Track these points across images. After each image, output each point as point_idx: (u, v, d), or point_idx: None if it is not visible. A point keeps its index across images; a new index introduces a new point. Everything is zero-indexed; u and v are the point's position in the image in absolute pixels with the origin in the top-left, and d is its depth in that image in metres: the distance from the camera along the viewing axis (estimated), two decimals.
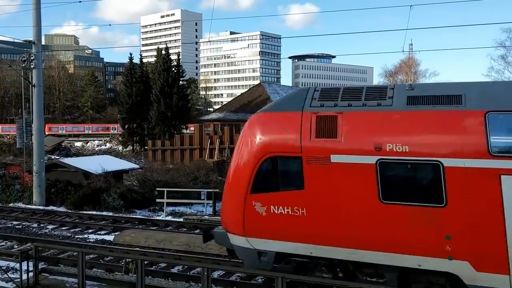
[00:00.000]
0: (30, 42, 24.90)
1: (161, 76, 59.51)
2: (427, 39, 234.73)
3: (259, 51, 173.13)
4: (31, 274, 11.42)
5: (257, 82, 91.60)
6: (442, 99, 8.79)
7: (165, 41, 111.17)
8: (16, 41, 36.49)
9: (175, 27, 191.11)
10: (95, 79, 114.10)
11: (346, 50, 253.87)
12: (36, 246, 11.63)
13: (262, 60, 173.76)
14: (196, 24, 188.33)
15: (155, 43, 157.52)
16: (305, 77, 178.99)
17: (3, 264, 13.52)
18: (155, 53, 71.22)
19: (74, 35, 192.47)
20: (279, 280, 8.88)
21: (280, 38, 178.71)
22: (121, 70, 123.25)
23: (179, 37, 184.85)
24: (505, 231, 7.98)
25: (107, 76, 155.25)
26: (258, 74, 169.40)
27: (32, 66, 24.47)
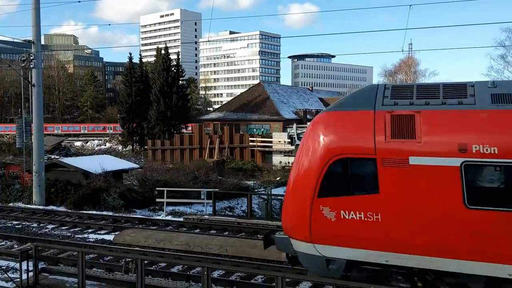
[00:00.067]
0: (29, 41, 24.89)
1: (161, 75, 59.53)
2: (426, 38, 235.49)
3: (259, 51, 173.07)
4: (31, 273, 11.41)
5: (256, 81, 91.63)
6: None
7: (164, 41, 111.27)
8: (15, 40, 36.56)
9: (174, 26, 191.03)
10: (95, 78, 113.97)
11: (346, 49, 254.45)
12: (36, 246, 11.62)
13: (262, 59, 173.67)
14: (196, 23, 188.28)
15: (155, 42, 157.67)
16: (304, 76, 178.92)
17: (3, 263, 13.52)
18: (154, 52, 71.33)
19: (74, 35, 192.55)
20: (278, 280, 8.87)
21: (279, 38, 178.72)
22: (120, 70, 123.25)
23: (178, 36, 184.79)
24: None
25: (106, 76, 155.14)
26: (257, 73, 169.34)
27: (32, 66, 24.48)
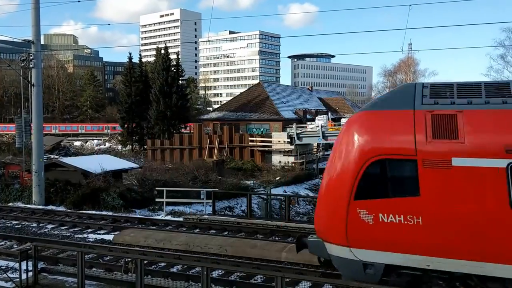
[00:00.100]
0: (29, 41, 24.88)
1: (161, 75, 59.53)
2: (426, 38, 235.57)
3: (258, 51, 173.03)
4: (30, 273, 11.40)
5: (256, 81, 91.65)
6: None
7: (164, 41, 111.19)
8: (15, 40, 36.47)
9: (174, 26, 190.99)
10: (94, 78, 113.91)
11: (345, 49, 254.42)
12: (36, 246, 11.61)
13: (261, 59, 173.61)
14: (196, 23, 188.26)
15: (154, 42, 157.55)
16: (304, 76, 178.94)
17: (3, 263, 13.51)
18: (154, 52, 71.30)
19: (73, 35, 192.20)
20: (278, 280, 8.87)
21: (279, 38, 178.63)
22: (120, 70, 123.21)
23: (178, 36, 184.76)
24: None
25: (106, 76, 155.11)
26: (257, 73, 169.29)
27: (31, 66, 24.47)
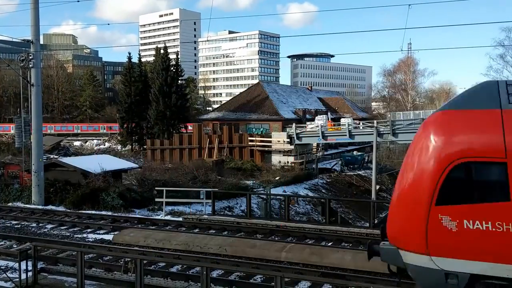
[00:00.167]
0: (28, 41, 24.88)
1: (160, 75, 59.48)
2: (425, 38, 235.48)
3: (258, 50, 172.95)
4: (30, 273, 11.41)
5: (256, 81, 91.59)
6: None
7: (163, 40, 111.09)
8: (14, 40, 36.52)
9: (173, 26, 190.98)
10: (94, 78, 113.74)
11: (345, 49, 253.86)
12: (35, 246, 11.62)
13: (261, 59, 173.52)
14: (195, 23, 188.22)
15: (154, 42, 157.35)
16: (303, 76, 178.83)
17: (2, 263, 13.51)
18: (153, 52, 71.11)
19: (73, 35, 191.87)
20: (277, 280, 8.88)
21: (278, 37, 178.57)
22: (119, 70, 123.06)
23: (177, 36, 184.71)
24: None
25: (105, 76, 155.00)
26: (257, 73, 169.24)
27: (31, 66, 24.47)
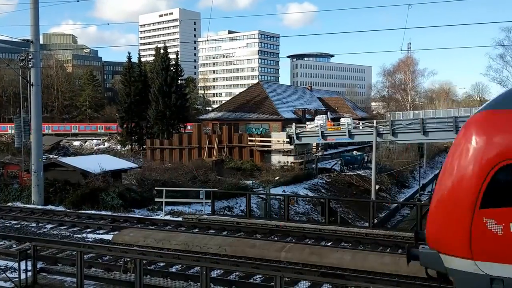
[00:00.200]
0: (28, 41, 24.85)
1: (160, 75, 59.46)
2: (425, 38, 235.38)
3: (258, 50, 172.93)
4: (29, 273, 11.41)
5: (255, 81, 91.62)
6: None
7: (163, 40, 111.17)
8: (14, 40, 36.38)
9: (173, 26, 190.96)
10: (93, 78, 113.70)
11: (345, 49, 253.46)
12: (35, 246, 11.62)
13: (261, 59, 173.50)
14: (195, 23, 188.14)
15: (154, 42, 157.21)
16: (303, 76, 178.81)
17: (2, 263, 13.49)
18: (153, 52, 71.06)
19: (72, 34, 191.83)
20: (277, 279, 8.88)
21: (278, 37, 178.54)
22: (119, 69, 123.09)
23: (177, 36, 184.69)
24: None
25: (105, 75, 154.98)
26: (256, 73, 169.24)
27: (30, 65, 24.44)
